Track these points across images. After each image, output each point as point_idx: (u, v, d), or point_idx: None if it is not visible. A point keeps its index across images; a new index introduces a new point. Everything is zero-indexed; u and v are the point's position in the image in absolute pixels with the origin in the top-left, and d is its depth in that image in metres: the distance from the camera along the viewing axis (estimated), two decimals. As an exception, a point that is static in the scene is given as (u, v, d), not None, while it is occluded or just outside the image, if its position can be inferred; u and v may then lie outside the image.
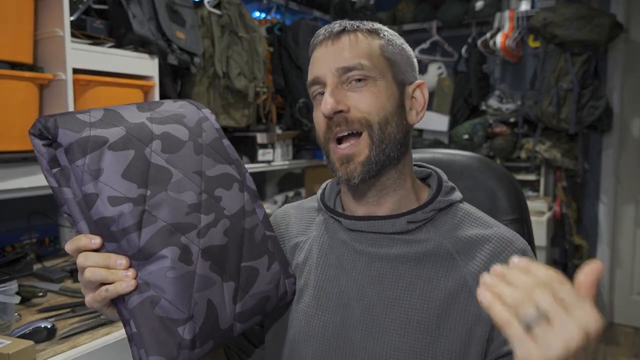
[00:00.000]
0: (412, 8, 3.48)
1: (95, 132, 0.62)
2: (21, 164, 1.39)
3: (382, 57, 0.74)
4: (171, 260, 0.60)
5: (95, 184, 0.60)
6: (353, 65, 0.72)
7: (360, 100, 0.72)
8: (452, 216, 0.77)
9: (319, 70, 0.75)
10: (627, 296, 3.28)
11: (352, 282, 0.74)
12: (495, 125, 3.18)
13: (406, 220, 0.74)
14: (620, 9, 3.05)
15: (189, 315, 0.61)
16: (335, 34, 0.75)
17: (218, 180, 0.70)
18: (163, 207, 0.62)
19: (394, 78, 0.75)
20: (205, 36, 2.16)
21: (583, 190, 3.27)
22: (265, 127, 2.56)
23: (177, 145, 0.68)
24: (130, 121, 0.67)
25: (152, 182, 0.63)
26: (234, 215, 0.70)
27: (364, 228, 0.75)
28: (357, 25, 0.76)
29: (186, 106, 0.76)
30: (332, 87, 0.72)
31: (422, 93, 0.79)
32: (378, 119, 0.72)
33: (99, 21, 1.69)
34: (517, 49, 3.21)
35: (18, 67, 1.41)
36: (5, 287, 1.13)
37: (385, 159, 0.73)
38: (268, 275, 0.72)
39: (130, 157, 0.63)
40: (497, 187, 0.95)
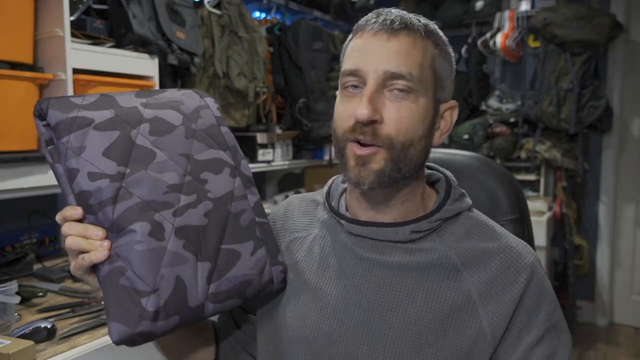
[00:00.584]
0: (412, 8, 3.48)
1: (83, 114, 0.67)
2: (21, 164, 1.39)
3: (431, 69, 0.69)
4: (140, 235, 0.64)
5: (77, 160, 0.65)
6: (403, 73, 0.66)
7: (396, 115, 0.67)
8: (459, 225, 0.73)
9: (363, 63, 0.68)
10: (627, 296, 3.28)
11: (351, 288, 0.72)
12: (495, 125, 3.18)
13: (410, 230, 0.71)
14: (620, 9, 3.05)
15: (153, 288, 0.63)
16: (396, 29, 0.67)
17: (206, 164, 0.72)
18: (140, 185, 0.66)
19: (434, 95, 0.70)
20: (205, 36, 2.16)
21: (583, 190, 3.27)
22: (265, 127, 2.56)
23: (167, 129, 0.71)
24: (122, 105, 0.70)
25: (134, 161, 0.67)
26: (219, 198, 0.71)
27: (366, 234, 0.72)
28: (418, 25, 0.68)
29: (189, 94, 0.78)
30: (372, 91, 0.66)
31: (452, 115, 0.74)
32: (403, 139, 0.67)
33: (99, 21, 1.69)
34: (517, 49, 3.21)
35: (18, 67, 1.41)
36: (5, 287, 1.13)
37: (399, 176, 0.69)
38: (251, 260, 0.72)
39: (114, 137, 0.67)
40: (497, 187, 0.95)
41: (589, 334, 3.16)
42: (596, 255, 3.27)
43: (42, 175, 1.44)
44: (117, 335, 0.62)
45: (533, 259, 0.71)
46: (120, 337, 0.62)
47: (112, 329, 0.63)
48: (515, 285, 0.67)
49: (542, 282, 0.70)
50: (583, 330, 3.21)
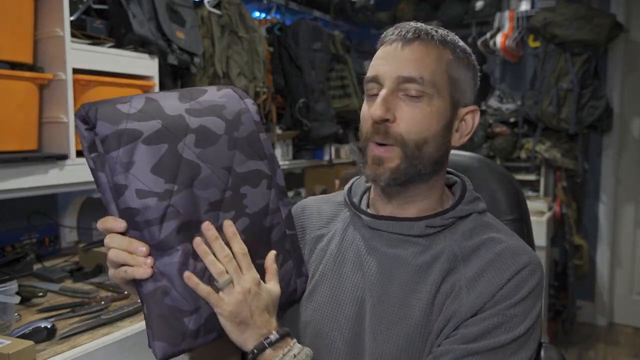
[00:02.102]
0: (412, 8, 3.48)
1: (132, 125, 0.65)
2: (21, 164, 1.39)
3: (445, 74, 0.74)
4: (184, 255, 0.64)
5: (126, 176, 0.63)
6: (414, 77, 0.72)
7: (409, 115, 0.72)
8: (469, 224, 0.77)
9: (380, 70, 0.74)
10: (627, 296, 3.28)
11: (366, 278, 0.76)
12: (495, 125, 3.18)
13: (425, 225, 0.75)
14: (620, 9, 3.05)
15: (195, 307, 0.65)
16: (409, 39, 0.74)
17: (246, 177, 0.71)
18: (186, 204, 0.65)
19: (451, 98, 0.75)
20: (205, 36, 2.16)
21: (583, 190, 3.27)
22: (265, 127, 2.56)
23: (212, 140, 0.69)
24: (168, 113, 0.68)
25: (181, 177, 0.66)
26: (256, 213, 0.71)
27: (383, 227, 0.77)
28: (432, 35, 0.74)
29: (229, 95, 0.76)
30: (386, 93, 0.72)
31: (474, 119, 0.79)
32: (415, 138, 0.72)
33: (99, 21, 1.69)
34: (517, 49, 3.20)
35: (18, 67, 1.41)
36: (5, 287, 1.13)
37: (415, 173, 0.74)
38: (280, 273, 0.74)
39: (162, 151, 0.65)
40: (497, 187, 0.95)
41: (589, 334, 3.16)
42: (596, 255, 3.27)
43: (42, 175, 1.44)
44: (162, 354, 0.64)
45: (527, 260, 0.72)
46: (165, 354, 0.64)
47: (156, 347, 0.64)
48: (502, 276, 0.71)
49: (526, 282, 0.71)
50: (583, 330, 3.21)
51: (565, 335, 3.08)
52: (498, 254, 0.73)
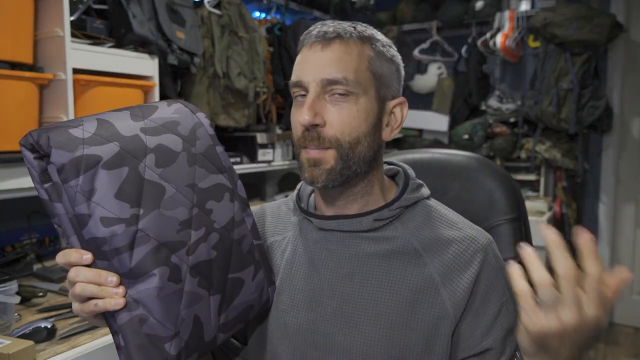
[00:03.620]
0: (412, 8, 3.48)
1: (89, 151, 0.61)
2: (21, 164, 1.39)
3: (368, 71, 0.73)
4: (160, 280, 0.61)
5: (88, 205, 0.60)
6: (338, 79, 0.71)
7: (338, 116, 0.72)
8: (418, 213, 0.79)
9: (304, 74, 0.74)
10: (627, 296, 3.28)
11: (324, 281, 0.76)
12: (495, 125, 3.18)
13: (373, 218, 0.76)
14: (620, 9, 3.05)
15: (175, 332, 0.63)
16: (328, 40, 0.73)
17: (210, 192, 0.70)
18: (155, 226, 0.63)
19: (377, 94, 0.75)
20: (205, 36, 2.16)
21: (583, 190, 3.27)
22: (265, 127, 2.56)
23: (171, 158, 0.67)
24: (123, 134, 0.65)
25: (146, 200, 0.63)
26: (224, 227, 0.70)
27: (334, 227, 0.77)
28: (351, 32, 0.74)
29: (181, 111, 0.74)
30: (312, 98, 0.72)
31: (402, 111, 0.78)
32: (349, 139, 0.73)
33: (99, 21, 1.69)
34: (517, 49, 3.20)
35: (18, 67, 1.41)
36: (5, 287, 1.13)
37: (351, 174, 0.74)
38: (253, 284, 0.73)
39: (124, 175, 0.62)
40: (495, 187, 0.95)
41: (589, 334, 3.16)
42: (596, 255, 3.27)
43: (42, 175, 1.44)
44: None
45: (485, 241, 0.76)
46: None
47: None
48: (471, 267, 0.73)
49: (495, 261, 0.75)
50: (583, 330, 3.21)
51: (565, 335, 3.08)
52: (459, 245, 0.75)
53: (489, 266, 0.74)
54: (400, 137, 3.52)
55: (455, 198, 0.93)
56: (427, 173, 0.90)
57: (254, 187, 2.87)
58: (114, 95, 1.66)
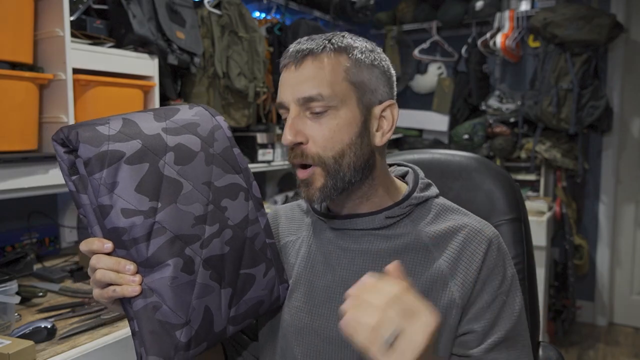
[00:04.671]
0: (412, 8, 3.48)
1: (114, 147, 0.66)
2: (21, 164, 1.39)
3: (345, 82, 0.74)
4: (174, 270, 0.66)
5: (110, 197, 0.65)
6: (313, 96, 0.72)
7: (318, 132, 0.74)
8: (428, 211, 0.81)
9: (283, 96, 0.76)
10: (627, 296, 3.28)
11: (337, 278, 0.78)
12: (495, 125, 3.18)
13: (384, 216, 0.78)
14: (620, 9, 3.05)
15: (186, 320, 0.66)
16: (300, 58, 0.74)
17: (225, 190, 0.73)
18: (172, 220, 0.67)
19: (359, 102, 0.75)
20: (205, 36, 2.16)
21: (583, 190, 3.27)
22: (265, 127, 2.56)
23: (189, 157, 0.71)
24: (146, 133, 0.70)
25: (164, 194, 0.67)
26: (237, 225, 0.74)
27: (347, 226, 0.80)
28: (324, 46, 0.75)
29: (201, 113, 0.78)
30: (292, 118, 0.74)
31: (392, 113, 0.78)
32: (332, 153, 0.74)
33: (99, 21, 1.69)
34: (517, 49, 3.21)
35: (18, 67, 1.41)
36: (5, 287, 1.13)
37: (344, 185, 0.76)
38: (264, 281, 0.76)
39: (144, 171, 0.67)
40: (495, 187, 0.95)
41: (589, 334, 3.16)
42: (596, 255, 3.28)
43: (42, 175, 1.44)
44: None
45: (490, 233, 0.78)
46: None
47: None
48: (476, 258, 0.75)
49: (497, 253, 0.77)
50: (583, 330, 3.21)
51: (565, 335, 3.08)
52: (466, 236, 0.77)
53: (491, 257, 0.76)
54: (400, 137, 3.52)
55: (455, 198, 0.93)
56: (428, 173, 0.90)
57: (254, 187, 2.87)
58: (114, 95, 1.66)
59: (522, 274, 0.93)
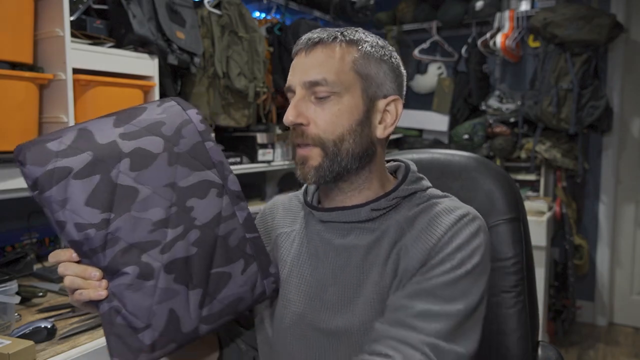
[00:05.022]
0: (412, 8, 3.48)
1: (61, 163, 0.67)
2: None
3: (352, 71, 0.77)
4: (131, 278, 0.67)
5: (63, 212, 0.66)
6: (318, 80, 0.76)
7: (320, 116, 0.76)
8: (415, 203, 0.81)
9: (291, 79, 0.79)
10: (627, 296, 3.28)
11: (327, 270, 0.80)
12: (495, 125, 3.18)
13: (370, 208, 0.79)
14: (620, 9, 3.05)
15: (147, 324, 0.67)
16: (310, 45, 0.78)
17: (192, 189, 0.72)
18: (126, 228, 0.67)
19: (364, 92, 0.78)
20: (205, 36, 2.16)
21: (583, 190, 3.27)
22: (265, 127, 2.56)
23: (148, 160, 0.70)
24: (100, 142, 0.69)
25: (118, 204, 0.67)
26: (206, 224, 0.72)
27: (334, 218, 0.81)
28: (335, 36, 0.78)
29: (170, 110, 0.76)
30: (297, 99, 0.77)
31: (396, 108, 0.81)
32: (333, 137, 0.76)
33: (99, 21, 1.69)
34: (517, 49, 3.21)
35: (18, 67, 1.41)
36: (5, 287, 1.13)
37: (340, 170, 0.78)
38: (242, 278, 0.74)
39: (95, 183, 0.67)
40: (494, 187, 0.95)
41: (589, 334, 3.16)
42: (596, 255, 3.28)
43: (42, 175, 1.44)
44: None
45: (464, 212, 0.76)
46: None
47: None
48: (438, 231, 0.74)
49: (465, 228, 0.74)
50: (583, 330, 3.21)
51: (565, 335, 3.09)
52: (436, 212, 0.77)
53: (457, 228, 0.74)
54: (400, 137, 3.52)
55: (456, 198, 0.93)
56: (427, 173, 0.90)
57: (254, 187, 2.87)
58: (114, 95, 1.66)
59: (521, 274, 0.93)
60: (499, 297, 0.92)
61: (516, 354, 0.92)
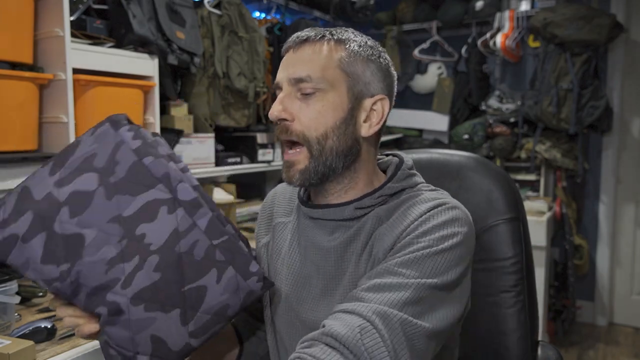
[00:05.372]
0: (412, 8, 3.48)
1: (8, 231, 0.69)
2: (21, 164, 1.39)
3: (338, 69, 0.77)
4: (104, 317, 0.69)
5: (29, 272, 0.69)
6: (303, 77, 0.76)
7: (305, 112, 0.77)
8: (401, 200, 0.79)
9: (279, 76, 0.80)
10: (627, 296, 3.28)
11: (312, 264, 0.81)
12: (495, 125, 3.18)
13: (354, 207, 0.79)
14: (620, 9, 3.05)
15: (134, 352, 0.69)
16: (298, 43, 0.79)
17: (139, 216, 0.69)
18: (84, 275, 0.69)
19: (349, 90, 0.78)
20: (205, 36, 2.16)
21: (583, 190, 3.27)
22: (265, 127, 2.56)
23: (86, 202, 0.70)
24: (37, 199, 0.71)
25: (69, 253, 0.69)
26: (163, 246, 0.69)
27: (319, 215, 0.81)
28: (324, 35, 0.79)
29: (102, 136, 0.73)
30: (283, 95, 0.78)
31: (383, 107, 0.80)
32: (316, 134, 0.76)
33: (99, 21, 1.69)
34: (517, 49, 3.21)
35: (18, 67, 1.41)
36: (5, 287, 1.13)
37: (326, 170, 0.78)
38: (219, 286, 0.71)
39: (43, 240, 0.69)
40: (493, 187, 0.95)
41: (589, 334, 3.16)
42: (596, 255, 3.28)
43: (42, 175, 1.44)
44: None
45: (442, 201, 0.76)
46: None
47: None
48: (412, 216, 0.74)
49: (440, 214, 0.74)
50: (583, 330, 3.21)
51: (565, 335, 3.08)
52: (414, 202, 0.77)
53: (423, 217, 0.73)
54: (400, 137, 3.52)
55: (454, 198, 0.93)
56: (426, 173, 0.90)
57: (254, 187, 2.87)
58: (114, 95, 1.66)
59: (520, 274, 0.93)
60: (498, 297, 0.92)
61: (516, 354, 0.92)
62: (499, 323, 0.92)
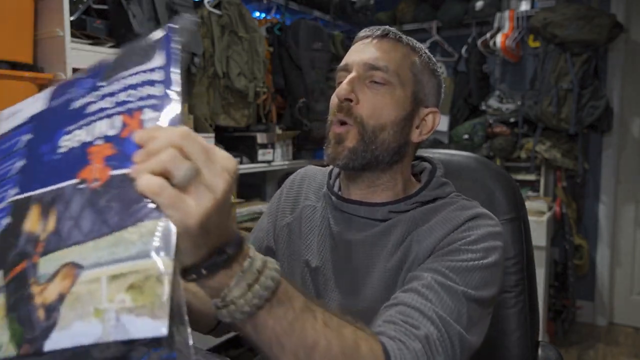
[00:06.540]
0: (412, 8, 3.48)
1: None
2: (21, 164, 1.39)
3: (410, 72, 0.80)
4: None
5: None
6: (379, 65, 0.77)
7: (370, 100, 0.77)
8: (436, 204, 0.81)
9: (351, 59, 0.80)
10: (627, 296, 3.28)
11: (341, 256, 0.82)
12: (495, 125, 3.18)
13: (388, 210, 0.80)
14: (620, 9, 3.05)
15: None
16: (379, 35, 0.81)
17: None
18: None
19: (413, 94, 0.80)
20: (205, 36, 2.16)
21: (583, 190, 3.27)
22: (265, 127, 2.56)
23: None
24: None
25: None
26: None
27: (350, 210, 0.82)
28: (401, 37, 0.81)
29: None
30: (353, 76, 0.78)
31: (434, 120, 0.83)
32: (374, 123, 0.77)
33: (99, 21, 1.69)
34: (517, 49, 3.21)
35: (18, 67, 1.41)
36: (5, 287, 1.13)
37: (372, 158, 0.78)
38: None
39: None
40: (494, 187, 0.95)
41: (589, 334, 3.16)
42: (596, 255, 3.28)
43: (42, 175, 1.44)
44: None
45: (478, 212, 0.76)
46: None
47: None
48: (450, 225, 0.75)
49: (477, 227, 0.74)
50: (583, 330, 3.21)
51: (565, 335, 3.08)
52: (453, 208, 0.77)
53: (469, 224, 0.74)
54: (400, 137, 3.52)
55: (455, 198, 0.93)
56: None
57: (254, 187, 2.87)
58: (114, 95, 1.66)
59: (521, 274, 0.93)
60: (499, 297, 0.92)
61: (516, 354, 0.92)
62: (500, 323, 0.92)
